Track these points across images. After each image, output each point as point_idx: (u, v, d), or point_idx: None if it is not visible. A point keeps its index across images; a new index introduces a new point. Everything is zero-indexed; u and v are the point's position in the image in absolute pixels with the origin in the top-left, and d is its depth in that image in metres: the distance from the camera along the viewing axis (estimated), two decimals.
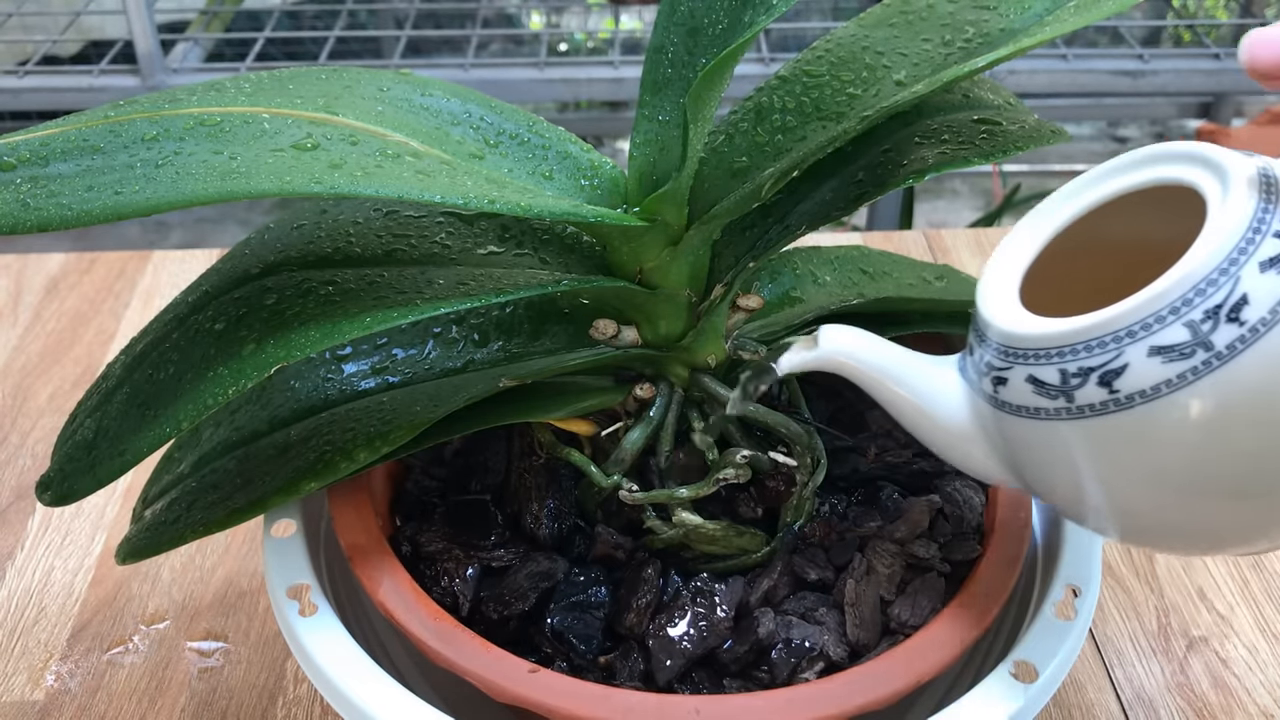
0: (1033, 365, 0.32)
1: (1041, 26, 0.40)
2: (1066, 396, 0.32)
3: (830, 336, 0.37)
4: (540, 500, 0.42)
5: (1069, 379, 0.32)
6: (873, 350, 0.37)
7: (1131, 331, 0.31)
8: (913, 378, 0.36)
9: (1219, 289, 0.30)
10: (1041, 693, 0.36)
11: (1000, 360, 0.34)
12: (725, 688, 0.39)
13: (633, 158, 0.41)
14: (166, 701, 0.50)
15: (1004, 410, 0.34)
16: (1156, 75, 1.42)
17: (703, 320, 0.41)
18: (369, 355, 0.43)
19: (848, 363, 0.37)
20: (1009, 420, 0.34)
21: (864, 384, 0.37)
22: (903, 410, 0.37)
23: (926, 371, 0.36)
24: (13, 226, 0.30)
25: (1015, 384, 0.33)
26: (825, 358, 0.37)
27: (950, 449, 0.37)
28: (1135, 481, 0.32)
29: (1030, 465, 0.34)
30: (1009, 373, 0.33)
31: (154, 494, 0.42)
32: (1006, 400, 0.33)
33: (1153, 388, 0.30)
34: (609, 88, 1.43)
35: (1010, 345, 0.33)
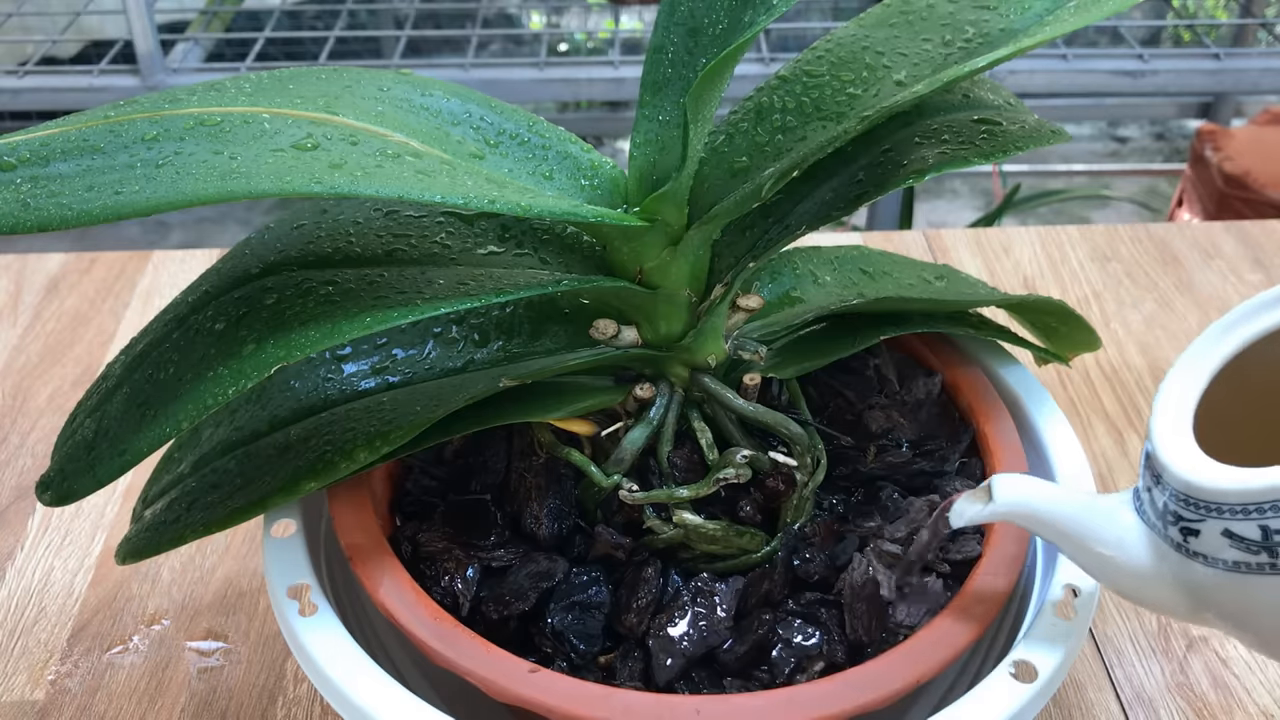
0: (1228, 520, 0.31)
1: (1041, 26, 0.40)
2: (1270, 553, 0.31)
3: (1005, 489, 0.36)
4: (540, 500, 0.42)
5: (1271, 535, 0.30)
6: (1047, 499, 0.36)
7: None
8: (1095, 524, 0.36)
9: None
10: (1041, 693, 0.36)
11: (1188, 511, 0.32)
12: (725, 688, 0.39)
13: (633, 158, 0.41)
14: (166, 701, 0.50)
15: (1197, 560, 0.33)
16: (1156, 75, 1.42)
17: (703, 320, 0.41)
18: (369, 355, 0.43)
19: (1026, 513, 0.36)
20: (1203, 570, 0.33)
21: (1040, 534, 0.37)
22: (1084, 558, 0.36)
23: (1105, 514, 0.36)
24: (13, 226, 0.30)
25: (1209, 537, 0.32)
26: (1001, 513, 0.36)
27: (1136, 592, 0.36)
28: None
29: (1230, 612, 0.33)
30: (1201, 525, 0.32)
31: (154, 494, 0.42)
32: (1199, 551, 0.32)
33: None
34: (609, 88, 1.43)
35: (1197, 497, 0.32)
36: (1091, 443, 0.63)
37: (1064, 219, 2.16)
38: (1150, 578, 0.34)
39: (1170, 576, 0.34)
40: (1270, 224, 0.83)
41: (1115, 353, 0.71)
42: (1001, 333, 0.48)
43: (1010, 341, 0.48)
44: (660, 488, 0.41)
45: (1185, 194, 1.64)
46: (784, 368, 0.43)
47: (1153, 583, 0.35)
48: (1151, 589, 0.35)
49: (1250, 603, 0.32)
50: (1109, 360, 0.70)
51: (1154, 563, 0.34)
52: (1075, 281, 0.77)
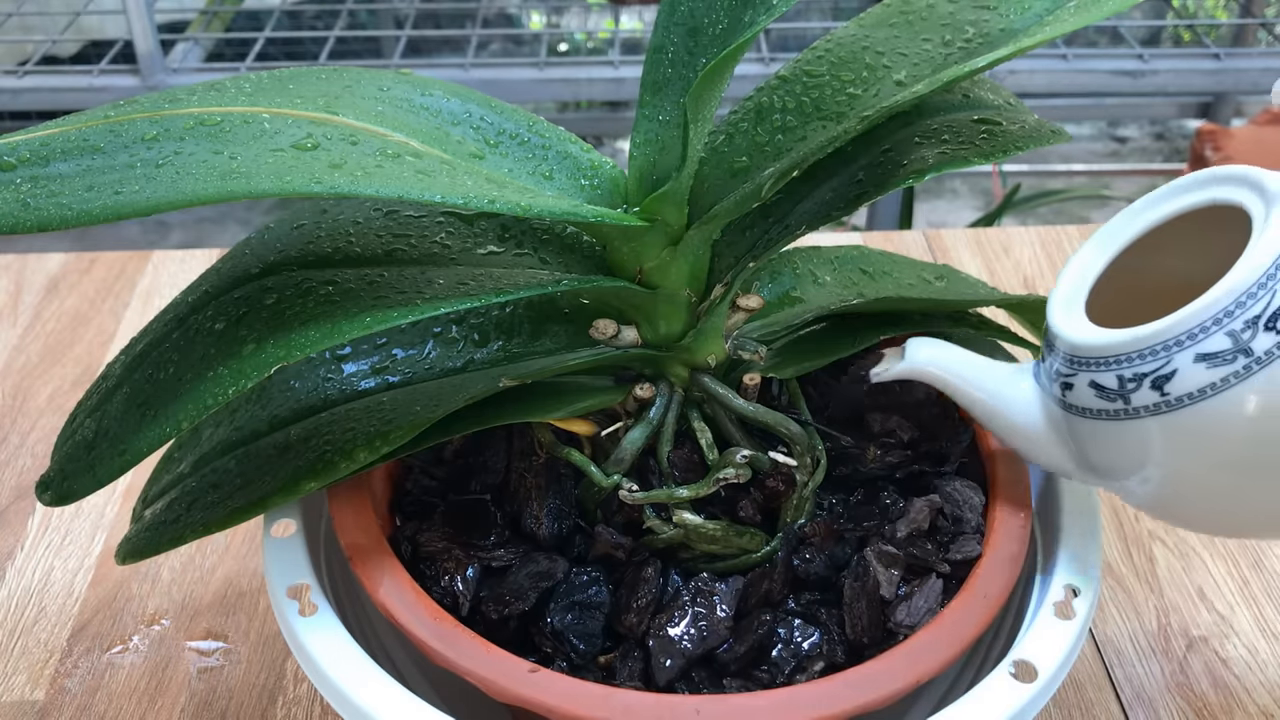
0: (1094, 372, 0.36)
1: (1041, 26, 0.40)
2: (1124, 399, 0.36)
3: (918, 348, 0.41)
4: (540, 500, 0.42)
5: (1125, 384, 0.36)
6: (956, 360, 0.41)
7: (1179, 341, 0.34)
8: (992, 384, 0.41)
9: (1258, 301, 0.33)
10: (1041, 693, 0.36)
11: (1067, 368, 0.37)
12: (725, 688, 0.39)
13: (633, 158, 0.41)
14: (166, 701, 0.50)
15: (1071, 412, 0.38)
16: (1156, 75, 1.42)
17: (703, 320, 0.41)
18: (369, 355, 0.43)
19: (934, 371, 0.41)
20: (1076, 421, 0.38)
21: (948, 390, 0.41)
22: (984, 413, 0.41)
23: (1004, 378, 0.41)
24: (13, 226, 0.30)
25: (1080, 389, 0.37)
26: (914, 368, 0.41)
27: (1028, 447, 0.41)
28: (1187, 472, 0.36)
29: (1098, 460, 0.38)
30: (1074, 379, 0.37)
31: (154, 494, 0.42)
32: (1073, 403, 0.37)
33: (1199, 390, 0.34)
34: (609, 88, 1.43)
35: (1075, 354, 0.37)
36: None
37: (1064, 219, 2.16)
38: (1041, 435, 0.40)
39: (1055, 433, 0.39)
40: None
41: None
42: (1001, 333, 0.48)
43: (1010, 341, 0.48)
44: (660, 488, 0.41)
45: None
46: (784, 368, 0.43)
47: (1043, 439, 0.40)
48: (1043, 446, 0.40)
49: (1113, 450, 0.37)
50: None
51: (1044, 421, 0.39)
52: None
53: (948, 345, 0.41)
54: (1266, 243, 0.34)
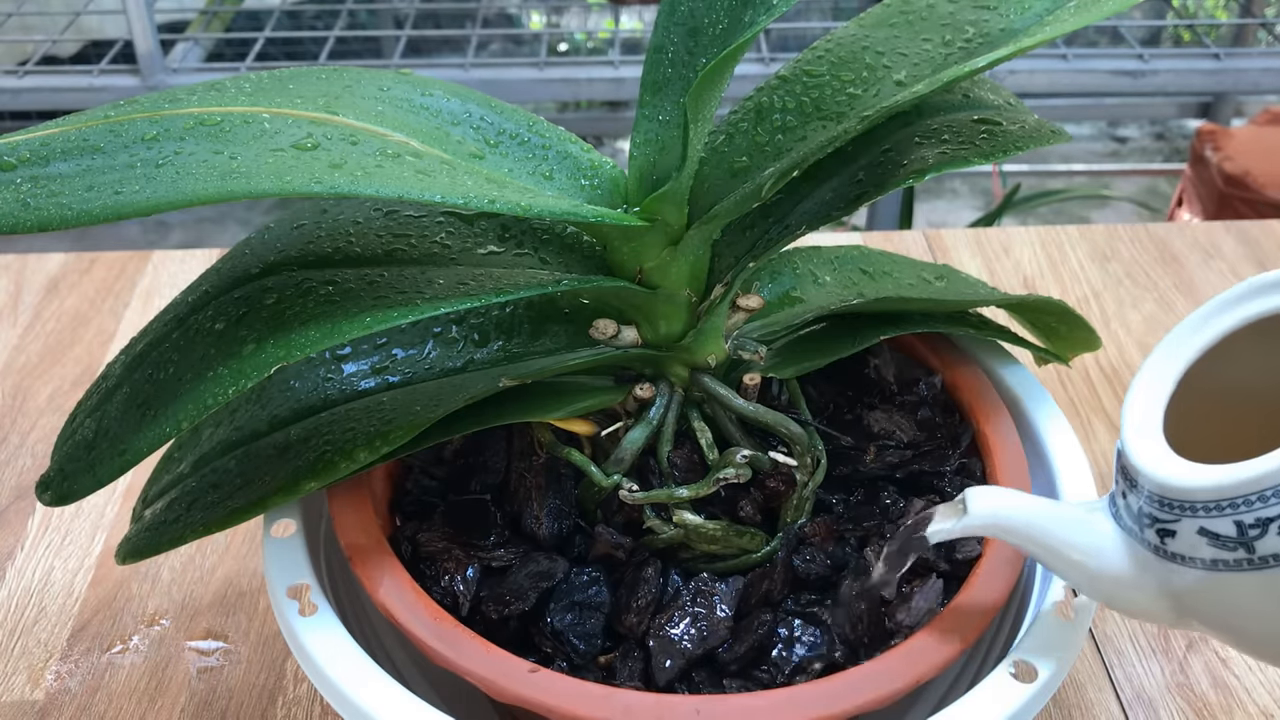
0: (1203, 518, 0.32)
1: (1041, 26, 0.40)
2: (1246, 548, 0.31)
3: (978, 500, 0.36)
4: (540, 500, 0.42)
5: (1246, 530, 0.31)
6: (1021, 509, 0.36)
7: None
8: (1069, 532, 0.35)
9: None
10: (1041, 693, 0.36)
11: (1163, 512, 0.33)
12: (725, 688, 0.39)
13: (633, 158, 0.41)
14: (166, 701, 0.50)
15: (1174, 561, 0.33)
16: (1156, 75, 1.42)
17: (703, 320, 0.41)
18: (369, 355, 0.43)
19: (999, 524, 0.36)
20: (1181, 571, 0.33)
21: (1016, 543, 0.36)
22: (1059, 566, 0.36)
23: (1081, 523, 0.35)
24: (13, 226, 0.30)
25: (1185, 537, 0.32)
26: (975, 525, 0.36)
27: (1119, 600, 0.35)
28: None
29: (1213, 613, 0.33)
30: (1176, 525, 0.32)
31: (154, 494, 0.43)
32: (1177, 552, 0.33)
33: None
34: (609, 88, 1.43)
35: (1171, 497, 0.32)
36: (1091, 443, 0.63)
37: (1064, 219, 2.16)
38: (1131, 584, 0.34)
39: (1151, 581, 0.34)
40: (1270, 224, 0.83)
41: (1115, 353, 0.71)
42: (1001, 333, 0.48)
43: (1010, 341, 0.48)
44: (660, 488, 0.41)
45: (1185, 194, 1.64)
46: (784, 368, 0.43)
47: (1134, 589, 0.34)
48: (1133, 595, 0.35)
49: (1231, 601, 0.32)
50: (1109, 360, 0.70)
51: (1133, 568, 0.34)
52: (1075, 281, 0.78)
53: (1007, 493, 0.36)
54: None
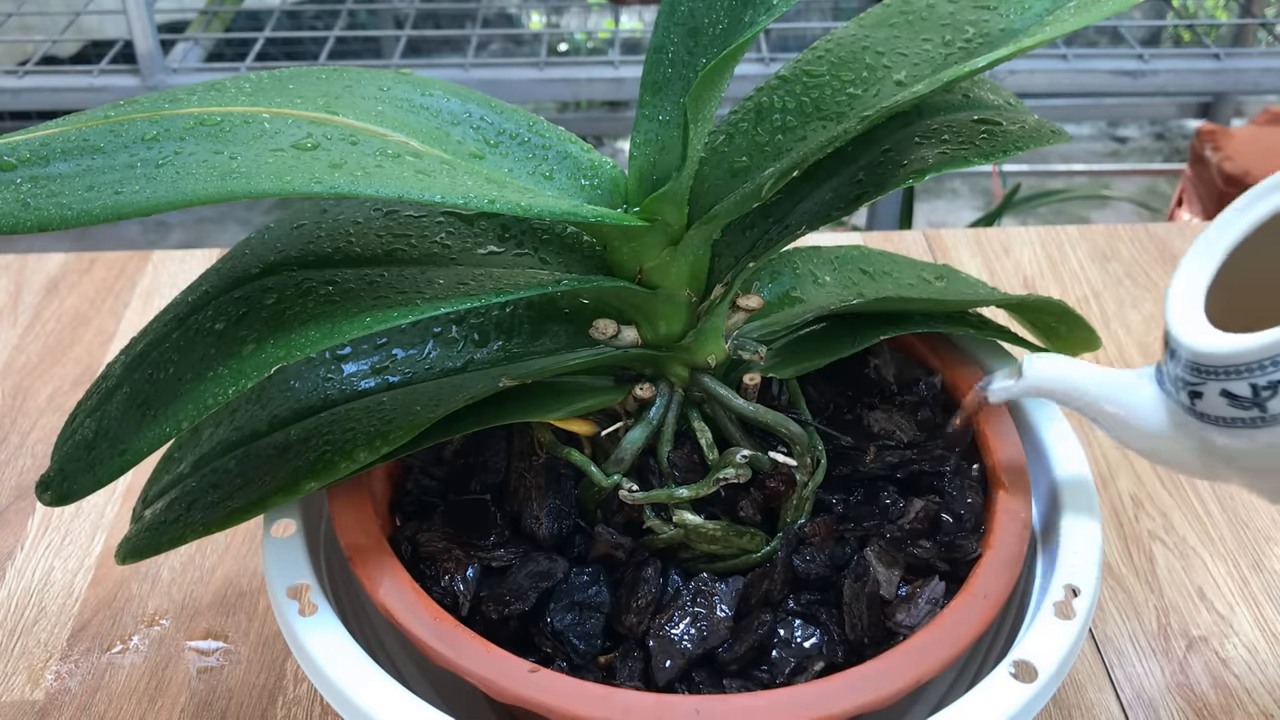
0: (1225, 380, 0.35)
1: (1041, 26, 0.40)
2: (1260, 408, 0.35)
3: (1036, 364, 0.40)
4: (540, 500, 0.42)
5: (1260, 391, 0.34)
6: (1074, 372, 0.40)
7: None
8: (1115, 393, 0.40)
9: None
10: (1041, 693, 0.36)
11: (1193, 376, 0.36)
12: (725, 688, 0.39)
13: (633, 158, 0.41)
14: (166, 701, 0.50)
15: (1203, 420, 0.37)
16: (1156, 75, 1.42)
17: (703, 320, 0.41)
18: (369, 355, 0.43)
19: (1052, 386, 0.40)
20: (1209, 429, 0.37)
21: (1071, 404, 0.40)
22: (1110, 424, 0.40)
23: (1127, 386, 0.40)
24: (13, 226, 0.30)
25: (1210, 398, 0.36)
26: (1033, 385, 0.40)
27: (1157, 454, 0.40)
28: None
29: (1234, 464, 0.37)
30: (1203, 388, 0.36)
31: (154, 494, 0.43)
32: (1204, 412, 0.36)
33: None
34: (609, 88, 1.43)
35: (1200, 363, 0.36)
36: (1092, 443, 0.63)
37: (1064, 219, 2.16)
38: (1168, 439, 0.39)
39: (1184, 437, 0.38)
40: None
41: (1115, 353, 0.71)
42: (1001, 333, 0.48)
43: (1010, 341, 0.48)
44: (660, 488, 0.41)
45: (1185, 194, 1.64)
46: (784, 368, 0.43)
47: (1170, 444, 0.39)
48: (1170, 449, 0.39)
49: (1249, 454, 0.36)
50: (1109, 360, 0.70)
51: (1171, 427, 0.38)
52: (1075, 281, 0.78)
53: (1065, 359, 0.41)
54: None
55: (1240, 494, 0.61)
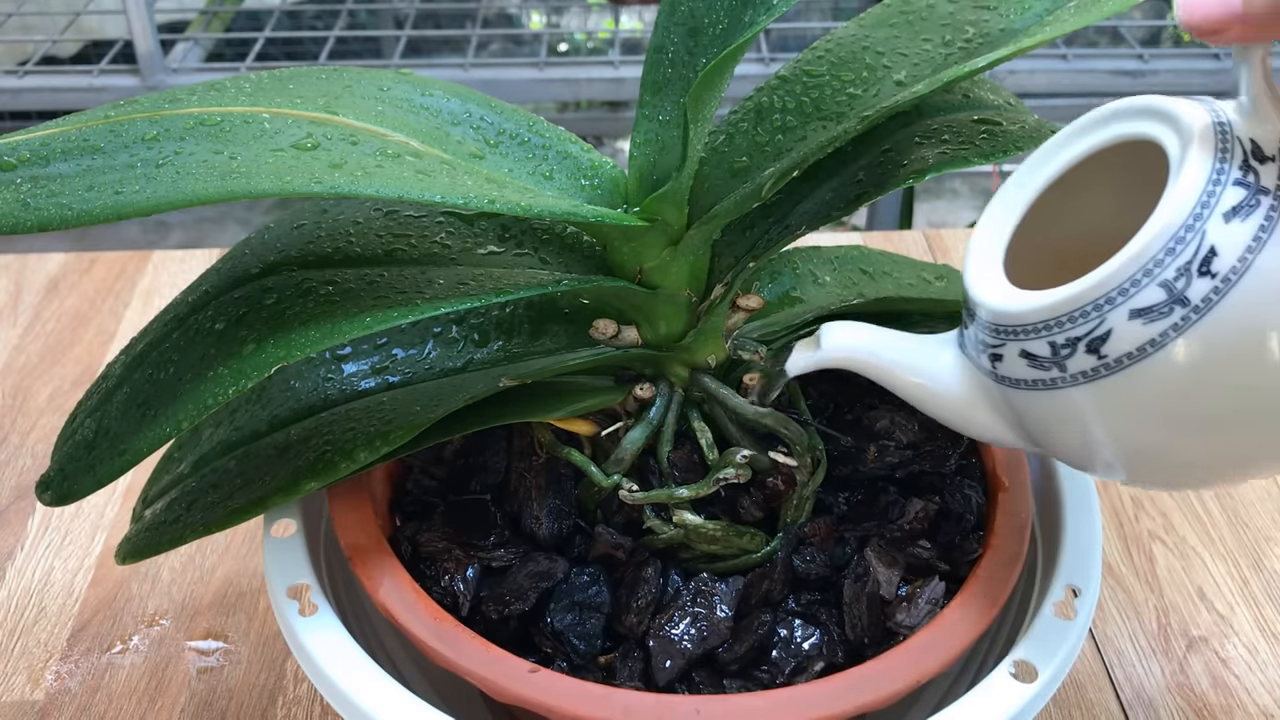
0: (1023, 340, 0.34)
1: (1042, 26, 0.40)
2: (1059, 367, 0.33)
3: (832, 334, 0.38)
4: (540, 500, 0.42)
5: (1059, 350, 0.33)
6: (874, 341, 0.38)
7: (1110, 298, 0.31)
8: (915, 360, 0.38)
9: (1187, 246, 0.31)
10: (1041, 693, 0.36)
11: (993, 337, 0.35)
12: (725, 688, 0.39)
13: (633, 158, 0.41)
14: (166, 701, 0.50)
15: (1004, 384, 0.35)
16: (1156, 75, 1.42)
17: (703, 320, 0.41)
18: (369, 355, 0.43)
19: (850, 356, 0.38)
20: (1011, 392, 0.35)
21: (870, 374, 0.38)
22: (911, 393, 0.38)
23: (928, 353, 0.38)
24: (13, 226, 0.30)
25: (1010, 359, 0.34)
26: (830, 356, 0.38)
27: (962, 422, 0.38)
28: (1134, 433, 0.33)
29: (1037, 429, 0.36)
30: (1003, 349, 0.34)
31: (154, 494, 0.43)
32: (1005, 375, 0.35)
33: (1138, 349, 0.31)
34: (609, 88, 1.43)
35: (1000, 323, 0.34)
36: None
37: None
38: (972, 406, 0.37)
39: (988, 404, 0.36)
40: None
41: None
42: None
43: None
44: (660, 488, 0.41)
45: None
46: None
47: (974, 411, 0.37)
48: (975, 417, 0.37)
49: (1053, 419, 0.34)
50: None
51: (974, 392, 0.36)
52: None
53: (863, 326, 0.38)
54: (1188, 181, 0.31)
55: (1240, 494, 0.61)
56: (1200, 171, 0.31)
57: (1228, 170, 0.31)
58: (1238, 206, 0.31)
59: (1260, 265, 0.30)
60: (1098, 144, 0.35)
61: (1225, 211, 0.31)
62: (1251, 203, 0.31)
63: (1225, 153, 0.31)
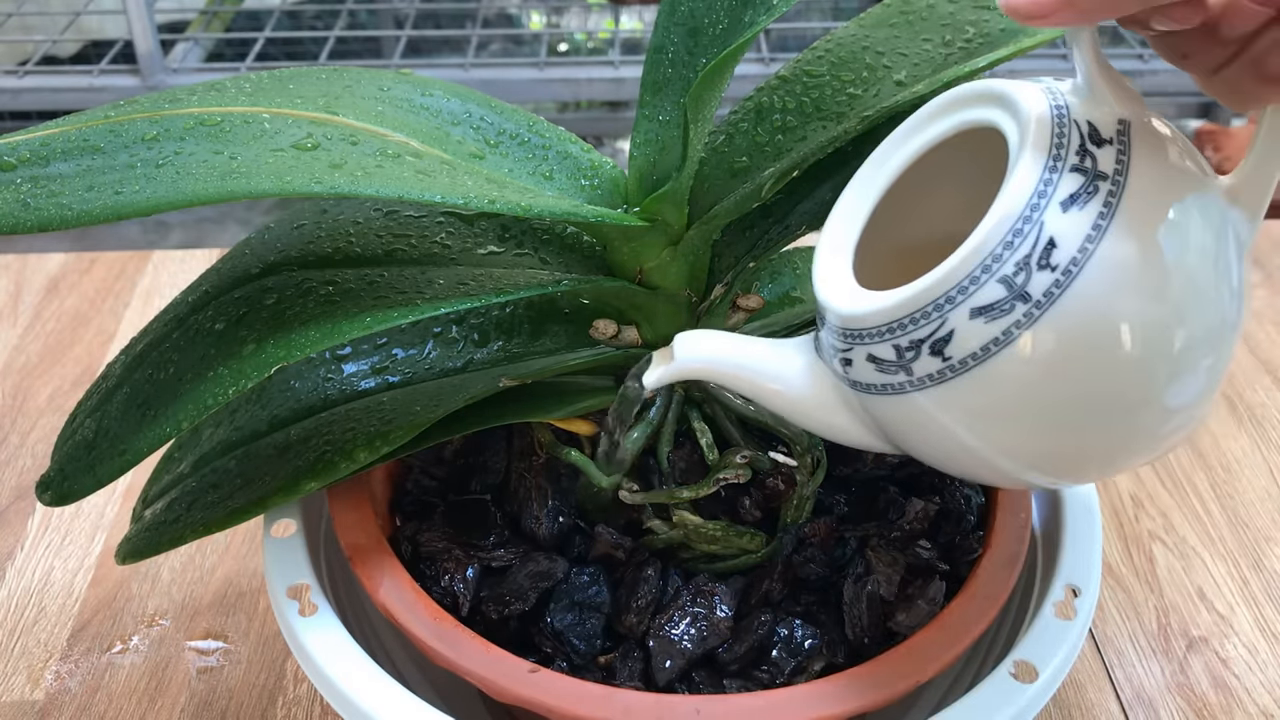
0: (869, 344, 0.32)
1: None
2: (906, 370, 0.31)
3: (686, 344, 0.36)
4: (540, 500, 0.42)
5: (903, 353, 0.31)
6: (726, 350, 0.36)
7: (950, 298, 0.30)
8: (771, 367, 0.36)
9: (1025, 238, 0.29)
10: (1041, 693, 0.36)
11: (841, 341, 0.33)
12: (725, 688, 0.39)
13: (633, 158, 0.41)
14: (166, 701, 0.50)
15: (858, 389, 0.34)
16: (1156, 75, 1.42)
17: (703, 320, 0.41)
18: (369, 355, 0.43)
19: (705, 367, 0.36)
20: (864, 397, 0.34)
21: (729, 384, 0.37)
22: (771, 401, 0.36)
23: (784, 358, 0.36)
24: (13, 226, 0.30)
25: (859, 363, 0.33)
26: (684, 367, 0.36)
27: (825, 428, 0.36)
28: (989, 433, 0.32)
29: (896, 432, 0.34)
30: (851, 353, 0.33)
31: (154, 494, 0.43)
32: (856, 380, 0.33)
33: (982, 348, 0.30)
34: (609, 88, 1.43)
35: (845, 326, 0.33)
36: None
37: None
38: (831, 411, 0.35)
39: (846, 409, 0.35)
40: (1269, 224, 0.83)
41: None
42: None
43: None
44: (660, 488, 0.41)
45: None
46: None
47: (834, 416, 0.35)
48: (835, 422, 0.35)
49: (908, 422, 0.33)
50: None
51: (831, 397, 0.35)
52: None
53: (717, 333, 0.36)
54: (1022, 172, 0.30)
55: (1240, 494, 0.61)
56: (1034, 161, 0.30)
57: (1064, 157, 0.30)
58: (1075, 194, 0.29)
59: (1101, 255, 0.29)
60: (944, 131, 0.34)
61: (1062, 200, 0.29)
62: (1090, 189, 0.29)
63: (1062, 138, 0.30)
